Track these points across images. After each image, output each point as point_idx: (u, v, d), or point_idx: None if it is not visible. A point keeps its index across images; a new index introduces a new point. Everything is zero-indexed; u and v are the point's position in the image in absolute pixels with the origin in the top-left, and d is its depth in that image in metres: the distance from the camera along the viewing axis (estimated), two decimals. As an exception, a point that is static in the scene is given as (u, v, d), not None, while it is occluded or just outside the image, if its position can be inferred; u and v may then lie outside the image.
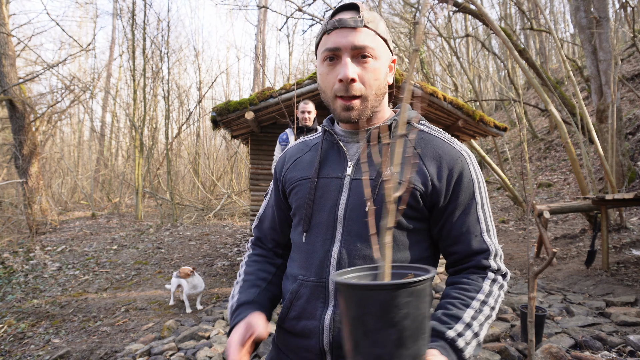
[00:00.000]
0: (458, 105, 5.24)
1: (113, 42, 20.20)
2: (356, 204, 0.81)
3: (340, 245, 0.80)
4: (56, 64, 9.65)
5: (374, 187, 0.80)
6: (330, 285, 0.80)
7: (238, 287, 0.93)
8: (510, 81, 12.26)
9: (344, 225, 0.81)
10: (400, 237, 0.81)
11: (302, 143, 0.99)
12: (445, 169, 0.82)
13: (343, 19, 0.79)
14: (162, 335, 3.42)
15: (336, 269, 0.79)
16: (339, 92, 0.80)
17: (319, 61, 0.85)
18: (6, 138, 11.32)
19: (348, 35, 0.78)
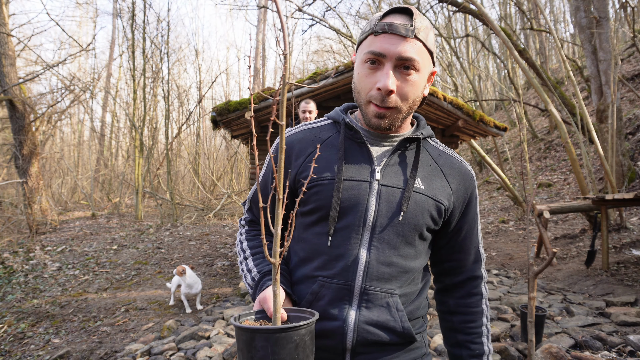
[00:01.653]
0: (458, 105, 5.24)
1: (113, 42, 20.20)
2: (386, 211, 0.82)
3: (369, 251, 0.81)
4: (56, 64, 9.65)
5: (404, 198, 0.82)
6: (356, 289, 0.80)
7: (251, 261, 0.90)
8: (510, 81, 12.26)
9: (372, 231, 0.81)
10: (419, 246, 0.86)
11: (310, 132, 0.93)
12: (463, 187, 0.89)
13: (394, 25, 0.76)
14: (162, 335, 3.42)
15: (363, 274, 0.80)
16: (375, 99, 0.79)
17: (359, 60, 0.82)
18: (6, 138, 11.33)
19: (397, 44, 0.76)
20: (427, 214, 0.83)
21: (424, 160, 0.88)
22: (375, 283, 0.81)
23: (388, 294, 0.81)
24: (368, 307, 0.80)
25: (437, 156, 0.91)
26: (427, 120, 5.79)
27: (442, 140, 5.93)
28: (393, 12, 0.79)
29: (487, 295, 0.94)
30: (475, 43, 16.26)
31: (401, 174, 0.85)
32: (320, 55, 22.19)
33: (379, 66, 0.78)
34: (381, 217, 0.81)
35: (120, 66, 17.58)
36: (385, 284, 0.81)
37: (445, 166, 0.89)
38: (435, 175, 0.87)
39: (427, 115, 5.64)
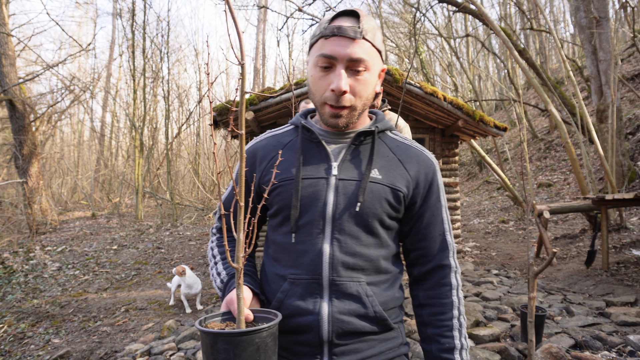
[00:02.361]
0: (458, 105, 5.24)
1: (113, 42, 20.20)
2: (344, 203, 0.85)
3: (331, 244, 0.84)
4: (56, 64, 9.65)
5: (360, 189, 0.85)
6: (324, 282, 0.83)
7: (220, 265, 0.93)
8: (510, 81, 12.26)
9: (333, 224, 0.84)
10: (382, 235, 0.88)
11: (272, 138, 0.97)
12: (423, 173, 0.92)
13: (343, 28, 0.79)
14: (162, 335, 3.42)
15: (329, 266, 0.83)
16: (330, 100, 0.82)
17: (311, 63, 0.85)
18: (6, 138, 11.33)
19: (346, 46, 0.79)
20: (384, 202, 0.86)
21: (380, 151, 0.91)
22: (342, 273, 0.83)
23: (356, 282, 0.84)
24: (338, 297, 0.82)
25: (395, 147, 0.94)
26: (427, 120, 5.79)
27: (442, 140, 5.93)
28: (341, 15, 0.83)
29: (458, 287, 0.92)
30: (475, 43, 16.26)
31: (357, 167, 0.88)
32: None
33: (331, 69, 0.82)
34: (340, 210, 0.84)
35: (120, 66, 17.59)
36: (352, 273, 0.84)
37: (403, 155, 0.93)
38: (393, 165, 0.90)
39: (427, 115, 5.64)
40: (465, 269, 5.18)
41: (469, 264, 5.38)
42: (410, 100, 5.32)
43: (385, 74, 5.02)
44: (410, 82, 5.06)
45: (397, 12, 16.28)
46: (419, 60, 13.59)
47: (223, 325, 0.70)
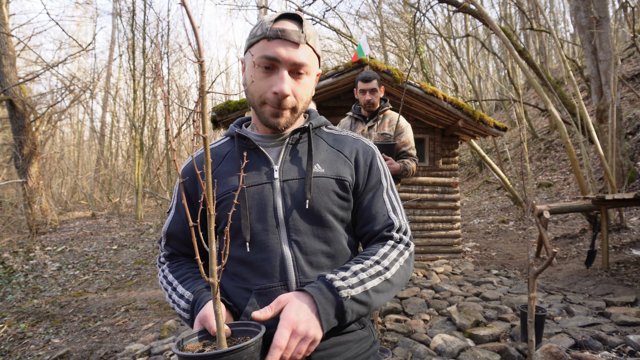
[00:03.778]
0: (458, 105, 5.24)
1: (113, 42, 20.20)
2: (293, 203, 0.84)
3: (290, 246, 0.83)
4: (56, 64, 9.65)
5: (306, 185, 0.85)
6: (292, 286, 0.81)
7: (181, 287, 0.87)
8: (510, 81, 12.26)
9: (287, 227, 0.84)
10: (338, 228, 0.88)
11: (212, 151, 0.94)
12: (361, 159, 0.93)
13: (287, 32, 0.80)
14: (162, 335, 3.42)
15: (294, 269, 0.81)
16: (270, 102, 0.83)
17: (250, 63, 0.84)
18: (6, 138, 11.33)
19: (289, 50, 0.80)
20: (332, 194, 0.86)
21: (319, 146, 0.92)
22: (309, 274, 0.82)
23: None
24: None
25: (332, 141, 0.95)
26: (427, 120, 5.79)
27: (442, 140, 5.93)
28: (283, 17, 0.83)
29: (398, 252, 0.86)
30: (475, 43, 16.26)
31: (298, 166, 0.88)
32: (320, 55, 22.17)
33: (273, 71, 0.82)
34: (290, 211, 0.84)
35: (120, 66, 17.59)
36: (317, 271, 0.83)
37: (341, 145, 0.94)
38: (333, 156, 0.91)
39: (427, 115, 5.64)
40: (465, 268, 5.18)
41: (469, 264, 5.38)
42: (410, 100, 5.32)
43: (386, 74, 5.03)
44: (410, 82, 5.06)
45: (397, 12, 16.28)
46: (419, 60, 13.59)
47: (200, 345, 0.67)
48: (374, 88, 2.77)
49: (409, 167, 2.71)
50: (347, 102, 5.66)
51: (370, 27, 18.90)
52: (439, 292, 4.06)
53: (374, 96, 2.79)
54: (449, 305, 3.63)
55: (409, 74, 3.66)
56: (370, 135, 2.83)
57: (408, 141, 2.81)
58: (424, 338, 2.93)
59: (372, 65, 4.91)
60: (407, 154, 2.80)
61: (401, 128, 2.82)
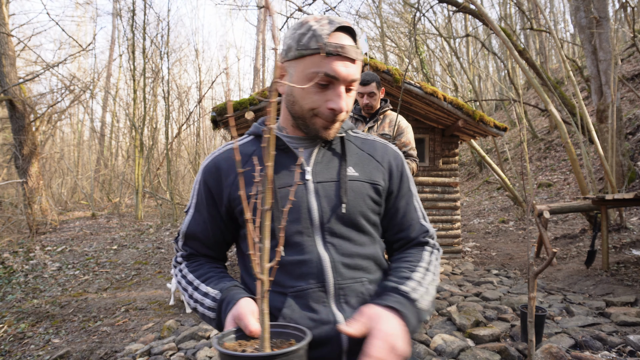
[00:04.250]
0: (458, 105, 5.24)
1: (113, 42, 20.20)
2: (329, 206, 0.84)
3: (326, 248, 0.82)
4: (56, 64, 9.65)
5: (342, 189, 0.84)
6: (330, 288, 0.80)
7: (204, 286, 0.84)
8: (510, 81, 12.26)
9: (322, 229, 0.83)
10: (371, 232, 0.88)
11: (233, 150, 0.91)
12: (394, 165, 0.94)
13: (346, 49, 0.79)
14: (162, 335, 3.42)
15: (332, 271, 0.80)
16: (325, 117, 0.83)
17: (302, 75, 0.81)
18: (6, 138, 11.33)
19: (348, 67, 0.80)
20: (367, 199, 0.86)
21: (350, 150, 0.92)
22: (346, 275, 0.81)
23: (359, 283, 0.82)
24: (347, 301, 0.80)
25: (361, 144, 0.95)
26: (427, 120, 5.79)
27: (442, 140, 5.93)
28: (340, 30, 0.81)
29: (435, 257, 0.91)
30: (475, 43, 16.26)
31: (332, 168, 0.87)
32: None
33: (329, 87, 0.81)
34: (326, 213, 0.83)
35: (120, 66, 17.59)
36: (354, 273, 0.82)
37: (371, 149, 0.95)
38: (365, 160, 0.91)
39: (427, 115, 5.64)
40: (465, 268, 5.18)
41: (469, 264, 5.38)
42: (410, 100, 5.32)
43: (386, 74, 5.03)
44: (410, 82, 5.06)
45: (397, 12, 16.29)
46: (419, 60, 13.59)
47: (236, 344, 0.65)
48: (372, 91, 2.74)
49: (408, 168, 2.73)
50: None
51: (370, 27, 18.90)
52: (439, 292, 4.06)
53: (372, 99, 2.76)
54: (449, 305, 3.63)
55: (405, 73, 3.66)
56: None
57: (408, 141, 2.80)
58: (423, 338, 2.93)
59: (372, 65, 4.91)
60: (408, 154, 2.79)
61: (401, 129, 2.81)
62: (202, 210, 0.90)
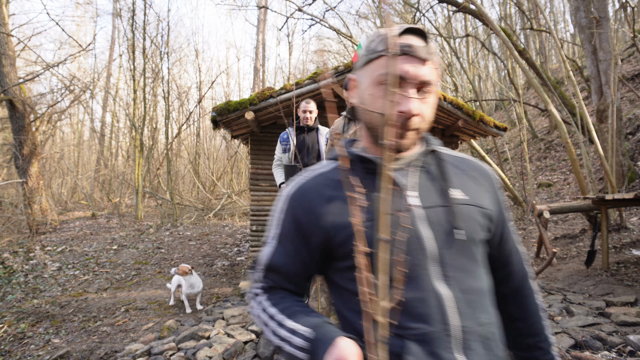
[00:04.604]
0: (458, 105, 5.24)
1: (113, 42, 20.20)
2: (441, 234, 0.75)
3: (447, 283, 0.72)
4: (56, 64, 9.66)
5: (454, 214, 0.76)
6: (454, 331, 0.69)
7: (290, 322, 0.74)
8: (510, 81, 12.25)
9: (439, 261, 0.74)
10: (485, 262, 0.81)
11: (320, 177, 0.84)
12: (496, 188, 0.87)
13: (415, 47, 0.74)
14: (162, 335, 3.42)
15: (456, 311, 0.71)
16: (396, 122, 0.76)
17: (370, 80, 0.77)
18: (6, 138, 11.33)
19: (417, 68, 0.75)
20: (479, 225, 0.78)
21: (449, 170, 0.84)
22: (469, 316, 0.71)
23: (484, 326, 0.73)
24: (473, 348, 0.70)
25: (456, 162, 0.86)
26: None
27: (442, 140, 5.92)
28: (408, 32, 0.77)
29: (537, 290, 0.91)
30: (475, 43, 16.27)
31: (435, 190, 0.79)
32: (320, 55, 22.22)
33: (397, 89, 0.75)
34: (440, 243, 0.74)
35: (120, 66, 17.59)
36: (478, 314, 0.73)
37: (469, 170, 0.86)
38: (469, 182, 0.83)
39: (427, 115, 5.64)
40: (465, 269, 5.18)
41: (469, 264, 5.38)
42: (410, 100, 5.33)
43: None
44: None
45: (397, 12, 16.29)
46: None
47: None
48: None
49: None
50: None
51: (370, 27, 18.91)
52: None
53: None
54: (449, 305, 3.63)
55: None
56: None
57: None
58: (424, 338, 2.93)
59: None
60: None
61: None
62: (286, 242, 0.83)
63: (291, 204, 0.83)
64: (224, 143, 17.44)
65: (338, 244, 0.76)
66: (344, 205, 0.77)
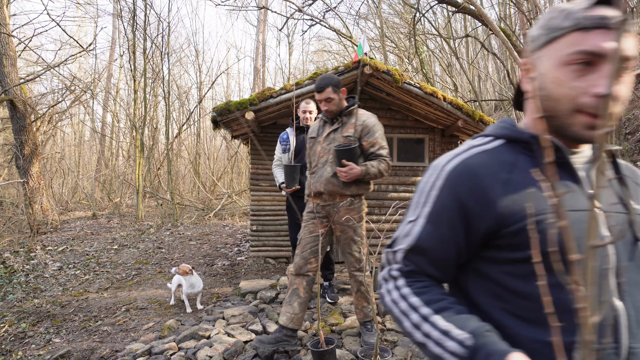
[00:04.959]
0: (458, 105, 5.25)
1: (113, 43, 20.22)
2: (623, 243, 0.67)
3: (622, 298, 0.65)
4: (57, 64, 9.68)
5: (632, 223, 0.68)
6: (623, 351, 0.63)
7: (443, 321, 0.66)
8: (510, 81, 12.27)
9: (617, 272, 0.66)
10: None
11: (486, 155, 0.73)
12: None
13: (610, 19, 0.63)
14: (163, 335, 3.43)
15: (628, 329, 0.64)
16: (589, 108, 0.66)
17: (554, 61, 0.67)
18: (7, 138, 11.36)
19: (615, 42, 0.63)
20: None
21: (623, 172, 0.74)
22: (638, 337, 0.64)
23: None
24: None
25: (623, 167, 0.76)
26: (427, 121, 5.80)
27: (442, 140, 5.94)
28: (601, 3, 0.66)
29: None
30: (475, 43, 16.28)
31: (613, 194, 0.70)
32: (320, 55, 22.22)
33: (591, 68, 0.65)
34: (620, 252, 0.66)
35: (121, 66, 17.61)
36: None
37: (635, 177, 0.76)
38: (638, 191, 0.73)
39: (427, 115, 5.65)
40: (464, 268, 5.19)
41: (468, 264, 5.39)
42: (410, 100, 5.33)
43: (385, 74, 5.04)
44: (410, 82, 5.08)
45: (397, 12, 16.30)
46: (419, 60, 13.61)
47: None
48: (328, 97, 2.64)
49: (372, 171, 2.58)
50: (347, 102, 5.67)
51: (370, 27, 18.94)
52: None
53: (330, 104, 2.68)
54: (448, 305, 3.63)
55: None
56: (336, 139, 2.70)
57: (376, 141, 2.66)
58: (423, 337, 2.93)
59: (372, 66, 4.92)
60: (376, 154, 2.65)
61: (367, 128, 2.67)
62: (440, 223, 0.72)
63: (452, 180, 0.72)
64: (224, 143, 17.46)
65: (511, 233, 0.67)
66: (522, 191, 0.68)
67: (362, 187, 2.70)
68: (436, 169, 0.76)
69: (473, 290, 0.74)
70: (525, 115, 0.78)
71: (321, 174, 2.68)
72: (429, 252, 0.73)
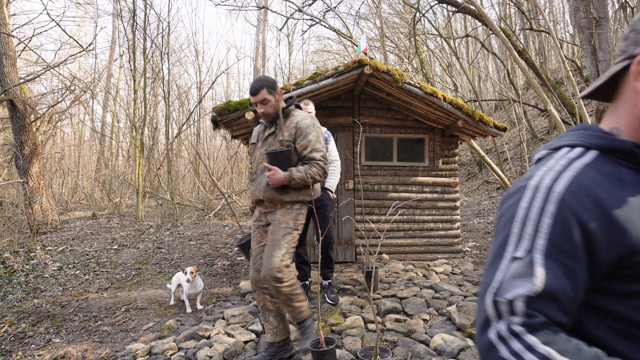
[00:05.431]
0: (458, 105, 5.25)
1: (113, 43, 20.21)
2: None
3: None
4: (57, 64, 9.67)
5: None
6: None
7: None
8: (510, 81, 12.26)
9: None
10: None
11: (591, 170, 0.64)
12: None
13: None
14: (163, 335, 3.43)
15: None
16: None
17: None
18: (7, 138, 11.35)
19: None
20: None
21: None
22: None
23: None
24: None
25: None
26: (427, 121, 5.79)
27: (442, 140, 5.94)
28: None
29: None
30: (475, 43, 16.28)
31: None
32: (320, 55, 22.23)
33: None
34: None
35: (121, 66, 17.61)
36: None
37: None
38: None
39: (427, 115, 5.65)
40: (465, 268, 5.19)
41: (468, 264, 5.39)
42: (410, 100, 5.33)
43: (385, 74, 5.04)
44: (410, 82, 5.07)
45: (397, 12, 16.30)
46: (419, 60, 13.60)
47: None
48: (263, 98, 2.46)
49: (296, 176, 2.38)
50: (347, 102, 5.67)
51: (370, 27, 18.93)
52: (439, 292, 4.07)
53: (267, 107, 2.48)
54: (448, 305, 3.64)
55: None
56: (272, 143, 2.56)
57: (308, 144, 2.46)
58: (423, 338, 2.94)
59: (372, 65, 4.92)
60: (308, 158, 2.46)
61: (300, 130, 2.48)
62: (566, 258, 0.60)
63: (568, 204, 0.61)
64: (224, 143, 17.45)
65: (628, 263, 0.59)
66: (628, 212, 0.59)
67: (302, 193, 2.49)
68: (539, 191, 0.63)
69: (595, 332, 0.63)
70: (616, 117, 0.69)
71: (260, 181, 2.53)
72: (558, 295, 0.59)
